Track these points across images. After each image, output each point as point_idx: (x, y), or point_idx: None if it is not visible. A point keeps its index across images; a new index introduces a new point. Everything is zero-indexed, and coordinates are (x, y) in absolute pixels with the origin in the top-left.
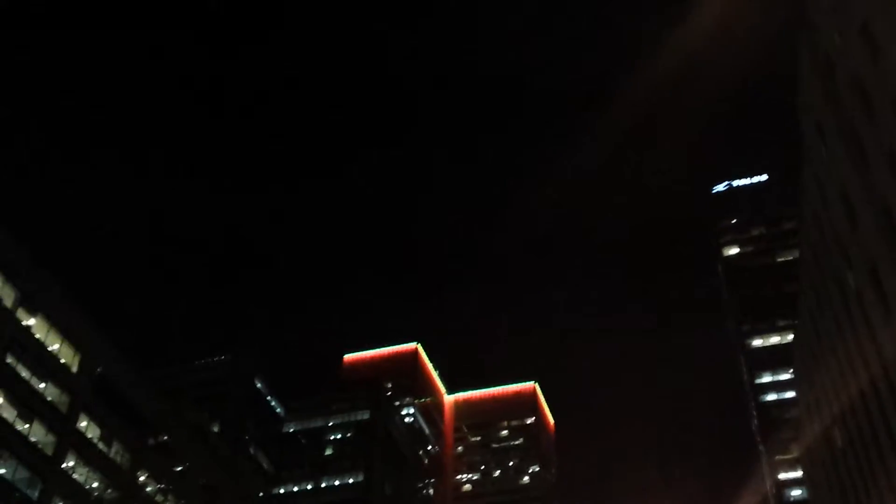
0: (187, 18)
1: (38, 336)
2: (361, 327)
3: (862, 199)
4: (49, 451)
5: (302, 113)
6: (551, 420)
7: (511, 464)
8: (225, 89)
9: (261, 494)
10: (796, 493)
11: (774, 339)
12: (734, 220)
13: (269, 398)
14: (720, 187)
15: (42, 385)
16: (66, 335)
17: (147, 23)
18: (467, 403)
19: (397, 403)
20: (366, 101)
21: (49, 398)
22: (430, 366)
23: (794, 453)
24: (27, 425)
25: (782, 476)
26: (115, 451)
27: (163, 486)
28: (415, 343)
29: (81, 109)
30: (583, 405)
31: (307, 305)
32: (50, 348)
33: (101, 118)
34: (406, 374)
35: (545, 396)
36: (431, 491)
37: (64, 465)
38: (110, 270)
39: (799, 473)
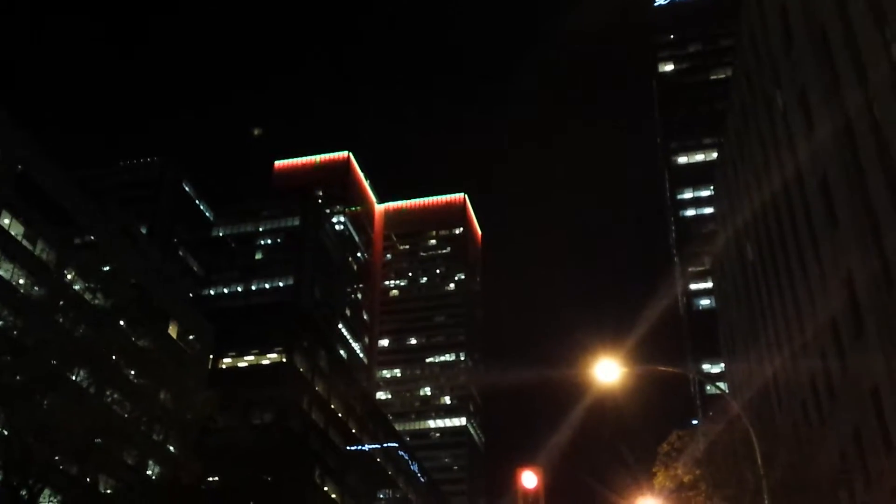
0: None
1: None
2: (293, 134)
3: (800, 21)
4: None
5: None
6: (479, 231)
7: (438, 272)
8: None
9: (191, 295)
10: (705, 302)
11: (699, 157)
12: (672, 36)
13: (197, 202)
14: (662, 0)
15: None
16: None
17: None
18: (397, 212)
19: (328, 211)
20: None
21: None
22: (361, 175)
23: (706, 265)
24: None
25: (693, 286)
26: (40, 249)
27: (91, 284)
28: (346, 151)
29: None
30: (510, 219)
31: (235, 104)
32: None
33: None
34: (337, 182)
35: (474, 210)
36: (360, 296)
37: None
38: (26, 65)
39: (709, 284)
